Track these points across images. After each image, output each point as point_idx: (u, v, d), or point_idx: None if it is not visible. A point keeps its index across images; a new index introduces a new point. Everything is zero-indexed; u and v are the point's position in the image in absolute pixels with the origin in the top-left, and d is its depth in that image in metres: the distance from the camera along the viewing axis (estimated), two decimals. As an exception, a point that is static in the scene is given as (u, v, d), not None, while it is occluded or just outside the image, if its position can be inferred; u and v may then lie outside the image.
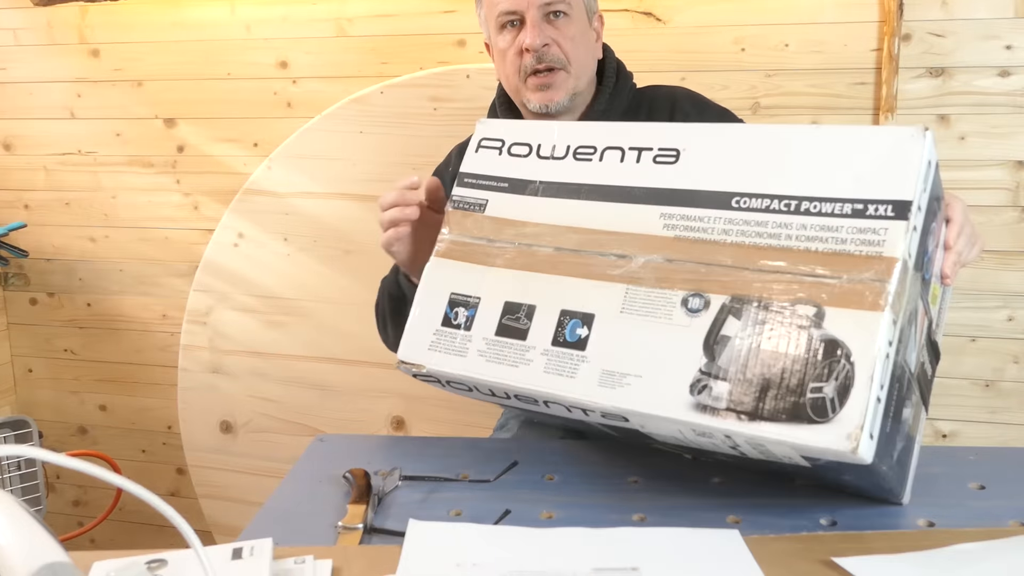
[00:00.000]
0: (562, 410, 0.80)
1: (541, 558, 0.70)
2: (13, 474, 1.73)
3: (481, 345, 0.83)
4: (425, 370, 0.85)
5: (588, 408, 0.76)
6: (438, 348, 0.86)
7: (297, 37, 1.78)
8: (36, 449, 0.55)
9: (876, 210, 0.70)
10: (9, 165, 2.01)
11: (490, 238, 0.89)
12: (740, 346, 0.70)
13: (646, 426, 0.76)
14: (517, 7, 1.09)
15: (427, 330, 0.87)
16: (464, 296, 0.87)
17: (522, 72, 1.11)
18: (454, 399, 1.73)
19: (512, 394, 0.82)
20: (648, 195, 0.82)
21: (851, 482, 0.77)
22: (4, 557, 0.47)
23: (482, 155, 0.94)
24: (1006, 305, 1.61)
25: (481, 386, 0.83)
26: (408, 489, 0.88)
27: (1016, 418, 1.63)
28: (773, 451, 0.70)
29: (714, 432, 0.70)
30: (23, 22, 1.92)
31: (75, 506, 2.20)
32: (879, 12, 1.54)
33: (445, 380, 0.86)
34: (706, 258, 0.75)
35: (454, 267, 0.89)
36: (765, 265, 0.72)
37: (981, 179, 1.57)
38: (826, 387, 0.66)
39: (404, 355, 0.87)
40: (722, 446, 0.73)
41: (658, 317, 0.75)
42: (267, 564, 0.66)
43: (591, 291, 0.80)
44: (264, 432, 1.87)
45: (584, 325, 0.79)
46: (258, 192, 1.79)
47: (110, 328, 2.05)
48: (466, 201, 0.92)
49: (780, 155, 0.77)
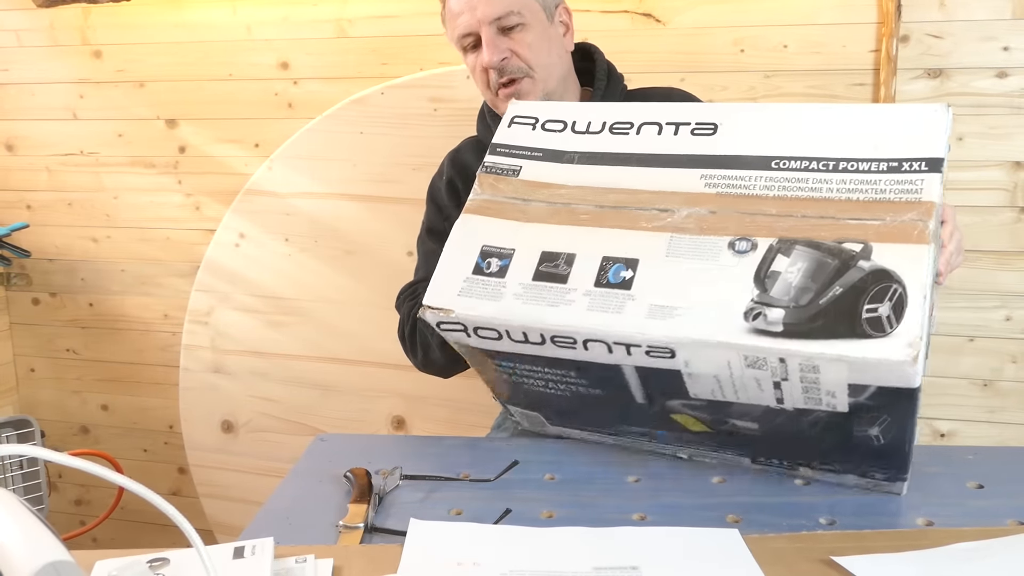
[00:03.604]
0: (602, 353, 0.76)
1: (541, 558, 0.70)
2: (15, 473, 1.73)
3: (517, 290, 0.79)
4: (454, 315, 0.80)
5: (635, 342, 0.73)
6: (469, 294, 0.81)
7: (298, 38, 1.79)
8: (38, 448, 0.55)
9: (911, 166, 0.75)
10: (12, 165, 2.02)
11: (524, 198, 0.87)
12: (791, 279, 0.71)
13: (692, 362, 0.73)
14: (471, 29, 1.11)
15: (456, 278, 0.82)
16: (497, 248, 0.83)
17: (492, 87, 1.14)
18: (455, 399, 1.74)
19: (550, 336, 0.77)
20: (688, 160, 0.83)
21: (869, 447, 0.76)
22: (7, 556, 0.47)
23: (515, 129, 0.93)
24: (1004, 305, 1.61)
25: (515, 330, 0.78)
26: (409, 488, 0.88)
27: (1014, 417, 1.63)
28: (823, 381, 0.69)
29: (769, 357, 0.69)
30: (26, 23, 1.92)
31: (77, 505, 2.21)
32: (877, 13, 1.55)
33: (473, 327, 0.80)
34: (750, 209, 0.77)
35: (486, 221, 0.86)
36: (809, 213, 0.75)
37: (979, 180, 1.57)
38: (881, 307, 0.68)
39: (430, 300, 0.81)
40: (765, 388, 0.73)
41: (705, 259, 0.75)
42: (268, 563, 0.67)
43: (634, 240, 0.79)
44: (265, 432, 1.87)
45: (628, 268, 0.77)
46: (259, 192, 1.79)
47: (112, 328, 2.05)
48: (499, 167, 0.90)
49: (814, 126, 0.81)
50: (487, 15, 1.08)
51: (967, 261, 1.60)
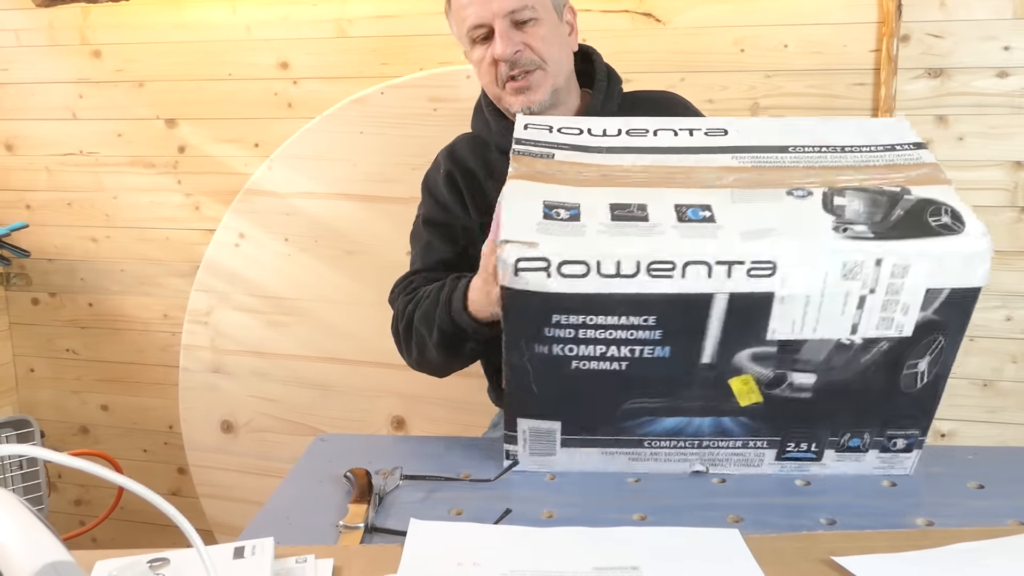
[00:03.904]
0: (700, 278, 0.76)
1: (541, 558, 0.70)
2: (15, 473, 1.73)
3: (599, 227, 0.77)
4: (538, 248, 0.75)
5: (737, 260, 0.75)
6: (548, 231, 0.77)
7: (297, 38, 1.79)
8: (38, 448, 0.55)
9: (903, 147, 0.88)
10: (11, 165, 2.02)
11: (567, 172, 0.86)
12: (857, 207, 0.79)
13: (790, 278, 0.76)
14: (484, 20, 1.10)
15: (528, 222, 0.78)
16: (559, 202, 0.80)
17: (499, 80, 1.12)
18: (454, 398, 1.74)
19: (646, 263, 0.75)
20: (711, 149, 0.89)
21: (905, 398, 0.84)
22: (7, 556, 0.47)
23: (531, 132, 0.93)
24: (1004, 305, 1.61)
25: (607, 260, 0.75)
26: (409, 488, 0.88)
27: (1015, 418, 1.64)
28: (906, 288, 0.77)
29: (867, 259, 0.75)
30: (25, 23, 1.92)
31: (77, 505, 2.21)
32: (878, 13, 1.55)
33: (559, 262, 0.75)
34: (787, 175, 0.84)
35: (539, 186, 0.83)
36: (840, 176, 0.84)
37: (979, 179, 1.57)
38: (943, 217, 0.77)
39: (510, 235, 0.77)
40: (847, 310, 0.78)
41: (770, 201, 0.80)
42: (268, 563, 0.67)
43: (696, 194, 0.81)
44: (265, 432, 1.87)
45: (704, 210, 0.79)
46: (259, 192, 1.79)
47: (111, 328, 2.05)
48: (531, 152, 0.89)
49: (810, 129, 0.92)
50: (502, 8, 1.08)
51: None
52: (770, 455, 0.89)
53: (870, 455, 0.88)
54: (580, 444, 0.89)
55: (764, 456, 0.89)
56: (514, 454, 0.91)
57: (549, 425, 0.89)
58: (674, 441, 0.89)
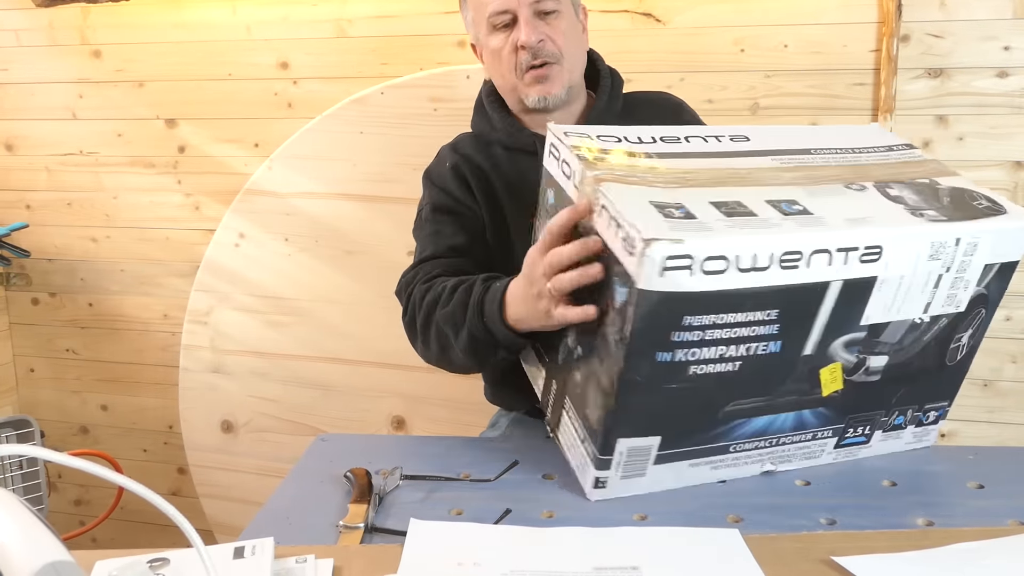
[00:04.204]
0: (821, 267, 0.76)
1: (541, 558, 0.70)
2: (15, 473, 1.73)
3: (720, 226, 0.75)
4: (683, 245, 0.71)
5: (853, 244, 0.77)
6: (679, 229, 0.73)
7: (297, 38, 1.79)
8: (38, 448, 0.55)
9: (899, 148, 0.97)
10: (11, 165, 2.02)
11: (644, 175, 0.83)
12: (913, 196, 0.85)
13: (892, 262, 0.79)
14: (508, 6, 1.09)
15: (654, 219, 0.74)
16: (664, 202, 0.77)
17: (518, 69, 1.11)
18: (455, 399, 1.74)
19: (779, 254, 0.74)
20: (750, 153, 0.92)
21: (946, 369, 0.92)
22: (7, 556, 0.47)
23: (573, 139, 0.89)
24: (1004, 305, 1.59)
25: (745, 254, 0.73)
26: (409, 488, 0.88)
27: (1014, 418, 1.64)
28: (972, 265, 0.83)
29: (949, 239, 0.81)
30: (25, 23, 1.92)
31: (77, 505, 2.21)
32: (878, 13, 1.55)
33: (703, 258, 0.72)
34: (828, 172, 0.89)
35: (633, 188, 0.80)
36: (870, 170, 0.90)
37: (980, 179, 1.55)
38: (981, 201, 0.85)
39: (650, 232, 0.72)
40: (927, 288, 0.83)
41: (840, 195, 0.84)
42: (268, 563, 0.67)
43: (773, 191, 0.82)
44: (265, 432, 1.87)
45: (795, 204, 0.80)
46: (259, 192, 1.79)
47: (111, 328, 2.05)
48: (586, 157, 0.85)
49: (810, 135, 0.98)
50: None
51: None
52: (831, 444, 0.91)
53: (907, 431, 0.95)
54: (671, 459, 0.85)
55: (826, 446, 0.91)
56: (603, 480, 0.84)
57: (648, 442, 0.83)
58: (756, 442, 0.88)
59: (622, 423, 0.81)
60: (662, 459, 0.85)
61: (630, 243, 0.73)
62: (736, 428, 0.85)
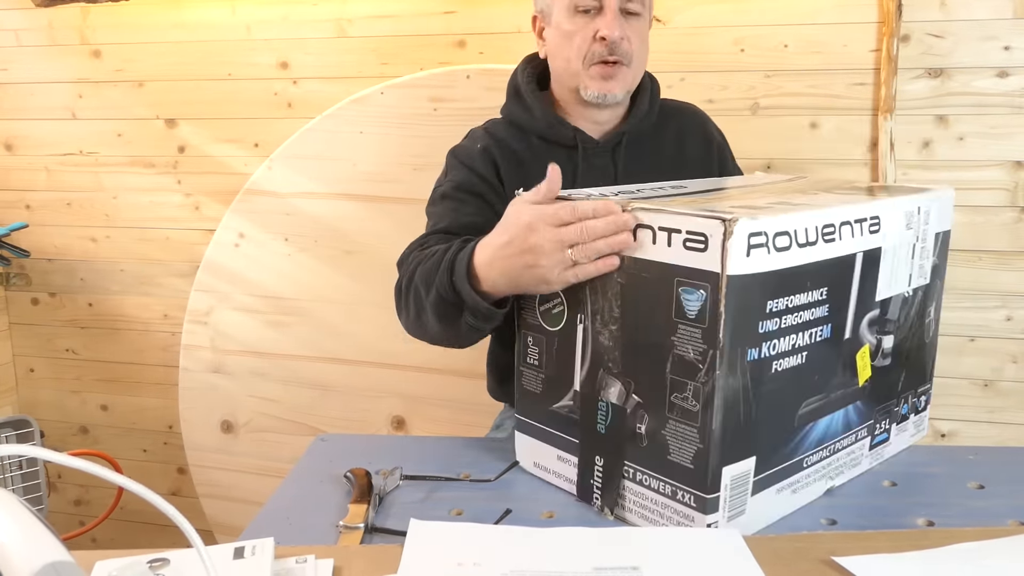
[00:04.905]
0: (848, 239, 0.79)
1: (541, 558, 0.70)
2: (15, 473, 1.73)
3: (768, 206, 0.76)
4: (759, 222, 0.69)
5: (864, 216, 0.81)
6: (745, 206, 0.74)
7: (297, 38, 1.79)
8: (38, 448, 0.55)
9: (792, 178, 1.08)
10: (11, 165, 2.02)
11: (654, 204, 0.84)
12: (852, 192, 0.92)
13: (888, 233, 0.85)
14: None
15: (709, 212, 0.70)
16: (700, 206, 0.75)
17: (588, 58, 1.10)
18: (455, 399, 1.74)
19: (822, 227, 0.75)
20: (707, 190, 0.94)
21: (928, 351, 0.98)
22: (6, 556, 0.47)
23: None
24: (1004, 305, 1.61)
25: (800, 228, 0.73)
26: (409, 488, 0.88)
27: (1015, 418, 1.64)
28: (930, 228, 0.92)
29: (913, 208, 0.88)
30: (25, 23, 1.92)
31: (76, 505, 2.21)
32: (878, 13, 1.55)
33: (774, 233, 0.70)
34: (786, 186, 0.98)
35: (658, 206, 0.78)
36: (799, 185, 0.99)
37: (980, 179, 1.57)
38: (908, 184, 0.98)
39: (725, 214, 0.68)
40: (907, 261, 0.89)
41: (814, 195, 0.89)
42: (268, 563, 0.67)
43: (761, 198, 0.85)
44: (265, 432, 1.87)
45: (793, 199, 0.83)
46: (259, 192, 1.79)
47: (111, 328, 2.05)
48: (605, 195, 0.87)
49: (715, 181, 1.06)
50: None
51: (967, 261, 1.60)
52: (866, 446, 0.90)
53: (910, 421, 0.96)
54: (764, 485, 0.78)
55: (863, 449, 0.90)
56: (713, 524, 0.74)
57: (746, 466, 0.75)
58: (820, 453, 0.83)
59: (723, 448, 0.72)
60: (757, 487, 0.77)
61: (700, 237, 0.69)
62: (805, 436, 0.81)
